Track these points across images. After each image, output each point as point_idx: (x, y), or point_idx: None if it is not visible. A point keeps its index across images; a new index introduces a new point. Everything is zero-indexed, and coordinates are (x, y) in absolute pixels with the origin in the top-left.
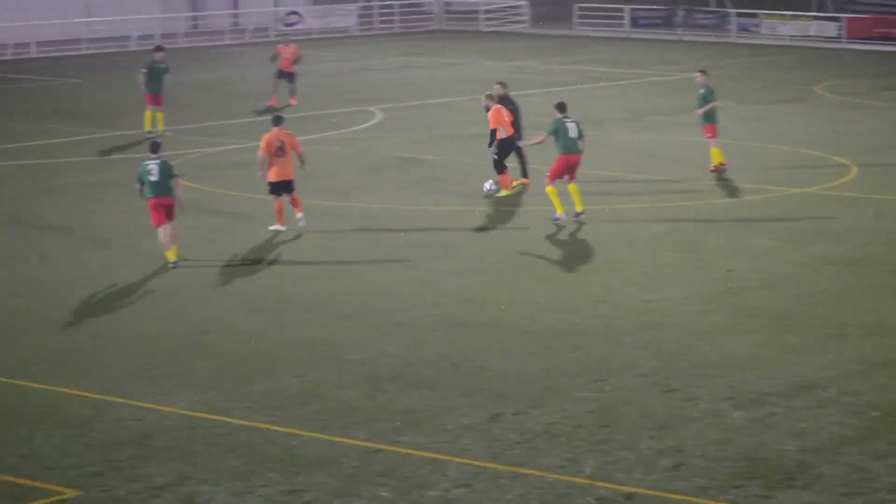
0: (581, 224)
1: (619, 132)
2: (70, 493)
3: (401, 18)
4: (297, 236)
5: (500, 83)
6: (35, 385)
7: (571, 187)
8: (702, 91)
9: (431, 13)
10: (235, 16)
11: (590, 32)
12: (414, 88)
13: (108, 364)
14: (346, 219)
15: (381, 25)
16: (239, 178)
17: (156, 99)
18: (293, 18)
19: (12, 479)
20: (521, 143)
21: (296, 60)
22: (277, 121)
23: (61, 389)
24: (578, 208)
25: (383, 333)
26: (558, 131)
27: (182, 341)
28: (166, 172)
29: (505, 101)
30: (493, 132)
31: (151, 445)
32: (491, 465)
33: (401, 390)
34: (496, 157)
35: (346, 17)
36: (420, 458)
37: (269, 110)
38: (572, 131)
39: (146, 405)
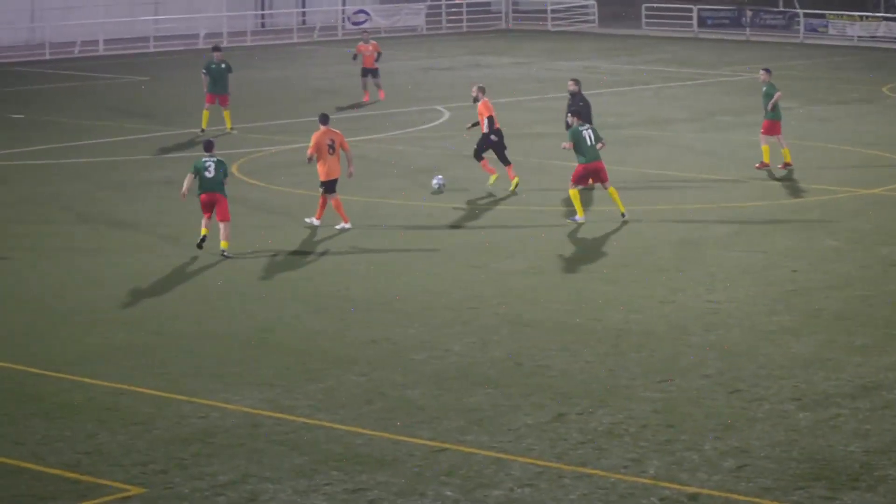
0: (630, 223)
1: (687, 132)
2: (134, 491)
3: (468, 18)
4: (359, 236)
5: (574, 80)
6: (99, 382)
7: (611, 191)
8: (764, 89)
9: (499, 12)
10: (303, 14)
11: (657, 32)
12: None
13: (172, 361)
14: (411, 217)
15: (449, 24)
16: (306, 176)
17: (220, 98)
18: (361, 17)
19: (76, 475)
20: (565, 146)
21: (377, 57)
22: (325, 119)
23: (125, 386)
24: (622, 210)
25: (448, 332)
26: (577, 141)
27: (246, 339)
28: (223, 171)
29: (576, 98)
30: (490, 119)
31: (215, 443)
32: (554, 464)
33: (465, 389)
34: (477, 147)
35: (414, 16)
36: (484, 458)
37: (360, 107)
38: (590, 139)
39: (210, 403)
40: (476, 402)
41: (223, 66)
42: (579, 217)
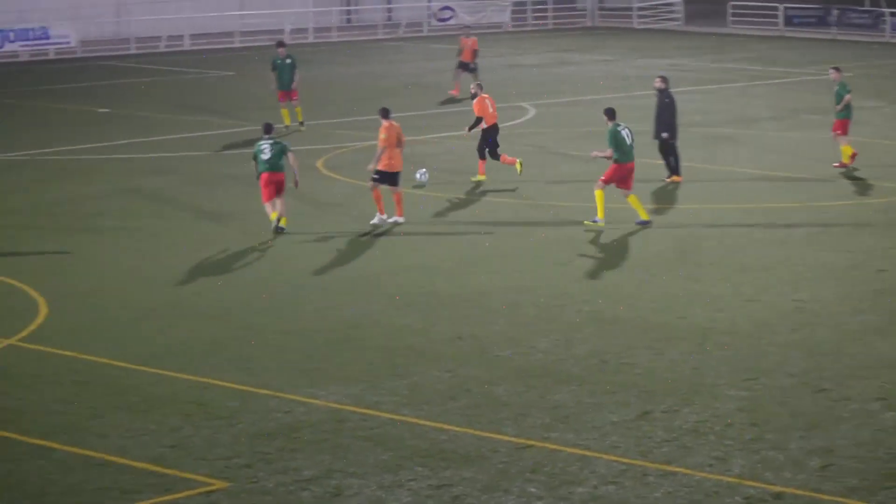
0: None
1: (772, 131)
2: (218, 485)
3: (554, 14)
4: (444, 232)
5: (661, 77)
6: (184, 376)
7: (631, 199)
8: (836, 88)
9: (585, 10)
10: (389, 10)
11: (743, 31)
12: (566, 85)
13: (257, 356)
14: (496, 213)
15: (535, 21)
16: None
17: (287, 94)
18: (446, 14)
19: (161, 469)
20: (594, 154)
21: (475, 54)
22: (387, 113)
23: (210, 381)
24: (644, 217)
25: (533, 329)
26: (617, 141)
27: (332, 335)
28: (279, 150)
29: (663, 94)
30: (478, 119)
31: (300, 438)
32: (639, 462)
33: (550, 386)
34: (480, 144)
35: (499, 13)
36: (568, 455)
37: (450, 101)
38: (629, 138)
39: (295, 398)
40: (560, 399)
41: (288, 61)
42: (599, 218)
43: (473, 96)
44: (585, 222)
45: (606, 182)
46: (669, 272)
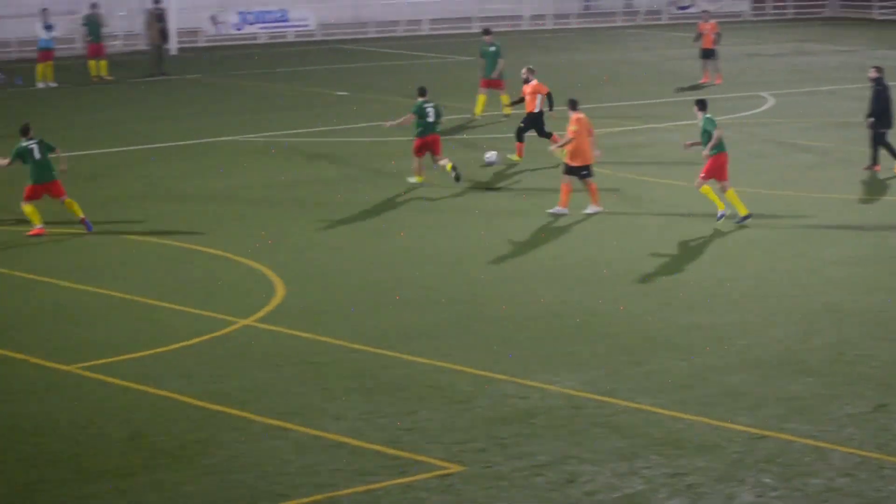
0: None
1: None
2: (453, 468)
3: (794, 4)
4: (691, 222)
5: (876, 67)
6: (421, 359)
7: (729, 194)
8: None
9: (825, 0)
10: None
11: None
12: (806, 75)
13: (494, 341)
14: (726, 205)
15: (774, 11)
16: (630, 157)
17: (489, 82)
18: (685, 1)
19: (396, 451)
20: (687, 144)
21: (716, 39)
22: (575, 104)
23: (447, 364)
24: (743, 212)
25: (770, 320)
26: (711, 133)
27: (569, 321)
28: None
29: (878, 84)
30: (549, 94)
31: (535, 424)
32: (875, 455)
33: (786, 377)
34: (522, 124)
35: (739, 2)
36: (803, 446)
37: (694, 89)
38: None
39: (531, 383)
40: (797, 391)
41: (492, 48)
42: (722, 211)
43: (526, 80)
44: (718, 221)
45: (708, 177)
46: None
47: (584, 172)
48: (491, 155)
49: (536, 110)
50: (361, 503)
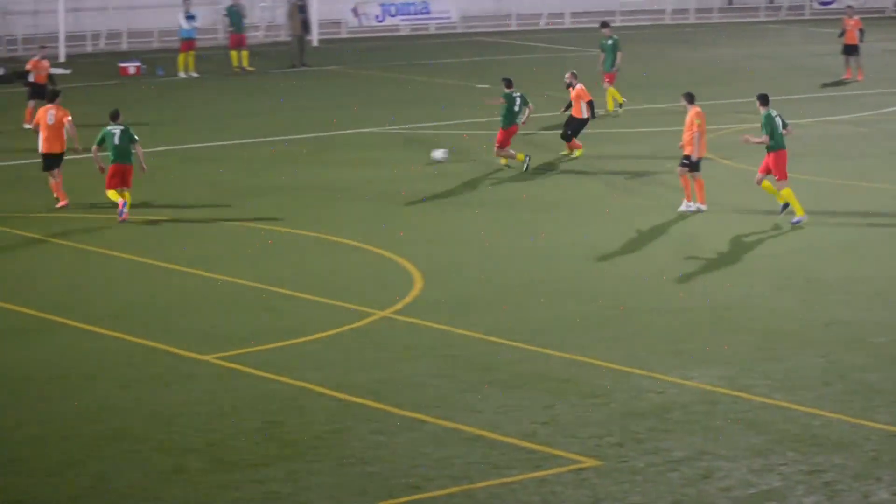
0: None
1: None
2: (588, 463)
3: None
4: (822, 218)
5: None
6: (557, 353)
7: (786, 192)
8: None
9: None
10: None
11: None
12: None
13: (630, 335)
14: (865, 202)
15: None
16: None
17: (609, 76)
18: None
19: (531, 445)
20: (745, 139)
21: (859, 35)
22: (693, 98)
23: (583, 359)
24: (800, 213)
25: None
26: (772, 127)
27: (705, 316)
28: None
29: None
30: (590, 103)
31: (671, 419)
32: None
33: None
34: (570, 131)
35: None
36: None
37: (837, 85)
38: (781, 125)
39: (667, 378)
40: None
41: (609, 42)
42: (801, 217)
43: (569, 85)
44: (792, 224)
45: (766, 172)
46: None
47: (696, 167)
48: (438, 153)
49: (584, 116)
50: (497, 496)
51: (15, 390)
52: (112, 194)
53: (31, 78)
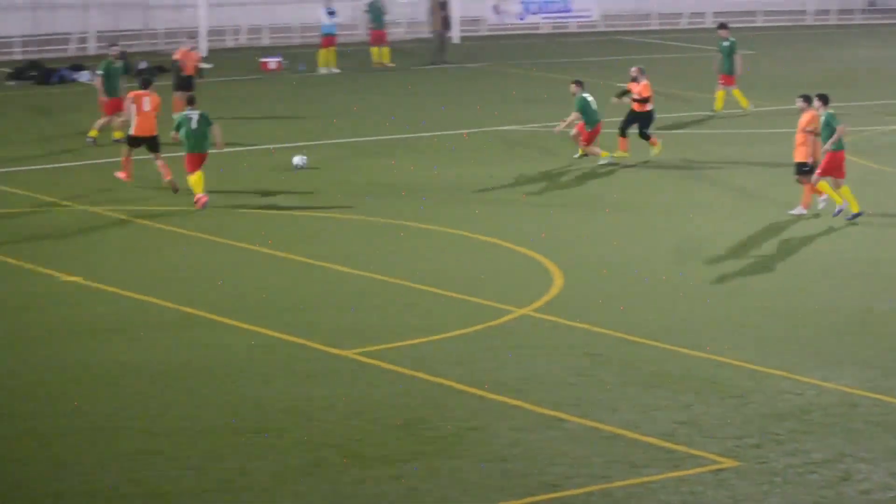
0: None
1: None
2: (727, 463)
3: None
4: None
5: None
6: (696, 353)
7: (844, 190)
8: None
9: None
10: None
11: None
12: None
13: (771, 336)
14: None
15: None
16: None
17: (724, 78)
18: None
19: (670, 445)
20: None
21: None
22: (809, 100)
23: (723, 359)
24: (855, 209)
25: None
26: (833, 128)
27: (846, 318)
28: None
29: None
30: (627, 92)
31: (811, 420)
32: None
33: None
34: (624, 123)
35: None
36: None
37: None
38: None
39: (807, 380)
40: None
41: (726, 44)
42: (840, 206)
43: (634, 79)
44: (847, 221)
45: (823, 174)
46: None
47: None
48: (298, 159)
49: (648, 108)
50: (634, 496)
51: (158, 383)
52: (194, 181)
53: (179, 67)
